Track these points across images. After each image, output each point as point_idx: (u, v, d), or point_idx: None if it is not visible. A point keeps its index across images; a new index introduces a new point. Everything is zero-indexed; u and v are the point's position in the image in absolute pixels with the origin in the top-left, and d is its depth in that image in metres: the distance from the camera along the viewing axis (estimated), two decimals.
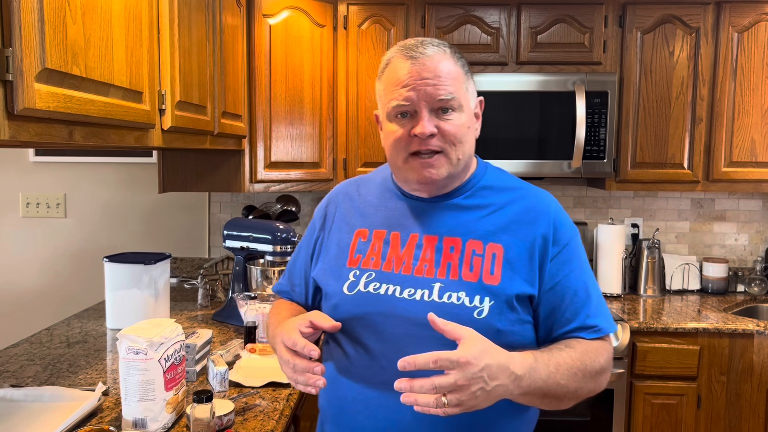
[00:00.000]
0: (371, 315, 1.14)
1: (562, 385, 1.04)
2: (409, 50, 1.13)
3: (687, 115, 2.60)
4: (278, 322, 1.21)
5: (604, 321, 1.15)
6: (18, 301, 2.97)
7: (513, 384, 0.97)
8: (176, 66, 1.59)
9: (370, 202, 1.27)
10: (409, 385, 0.94)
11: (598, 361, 1.10)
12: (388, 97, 1.14)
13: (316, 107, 2.59)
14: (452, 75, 1.13)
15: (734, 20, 2.55)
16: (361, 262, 1.19)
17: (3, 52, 0.90)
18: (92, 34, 1.14)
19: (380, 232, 1.21)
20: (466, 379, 0.92)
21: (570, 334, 1.13)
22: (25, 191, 2.96)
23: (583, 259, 1.18)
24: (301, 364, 1.05)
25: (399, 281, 1.15)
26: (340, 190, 1.35)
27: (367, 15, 2.61)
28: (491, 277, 1.11)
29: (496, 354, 0.97)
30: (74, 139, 1.13)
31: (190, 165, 2.46)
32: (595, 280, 1.19)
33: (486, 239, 1.14)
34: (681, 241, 3.01)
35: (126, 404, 1.34)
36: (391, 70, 1.15)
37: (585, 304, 1.13)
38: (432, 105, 1.11)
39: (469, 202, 1.19)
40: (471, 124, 1.17)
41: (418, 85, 1.10)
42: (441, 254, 1.14)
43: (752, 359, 2.37)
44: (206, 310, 2.49)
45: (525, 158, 2.55)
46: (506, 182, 1.23)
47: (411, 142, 1.12)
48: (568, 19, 2.59)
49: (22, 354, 1.91)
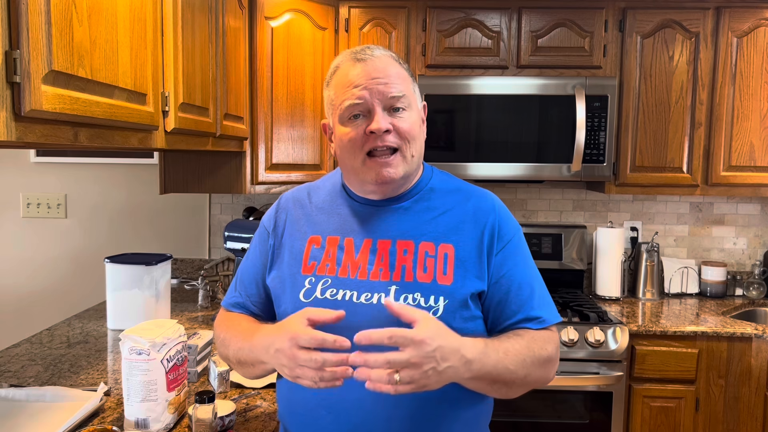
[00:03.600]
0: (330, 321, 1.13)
1: (511, 370, 1.07)
2: (357, 53, 1.17)
3: (686, 120, 2.62)
4: (249, 332, 1.17)
5: (548, 312, 1.19)
6: (19, 302, 2.98)
7: (464, 367, 1.00)
8: (179, 68, 1.60)
9: (321, 209, 1.27)
10: (363, 359, 0.96)
11: (546, 349, 1.14)
12: (341, 98, 1.16)
13: (318, 109, 2.60)
14: (400, 75, 1.17)
15: (734, 25, 2.57)
16: (317, 269, 1.19)
17: (11, 54, 0.91)
18: (98, 36, 1.15)
19: (334, 238, 1.21)
20: (419, 357, 0.95)
21: (516, 325, 1.16)
22: (26, 191, 2.97)
23: (526, 254, 1.23)
24: (333, 358, 0.99)
25: (355, 286, 1.16)
26: (290, 197, 1.33)
27: (368, 18, 2.62)
28: (444, 277, 1.14)
29: (449, 337, 1.00)
30: (79, 140, 1.14)
31: (191, 166, 2.47)
32: (539, 274, 1.23)
33: (437, 240, 1.17)
34: (680, 244, 3.02)
35: (128, 404, 1.34)
36: (341, 74, 1.17)
37: (530, 296, 1.17)
38: (385, 103, 1.13)
39: (419, 205, 1.22)
40: (420, 124, 1.21)
41: (369, 84, 1.13)
42: (395, 257, 1.16)
43: (750, 363, 2.38)
44: (207, 311, 2.49)
45: (525, 161, 2.56)
46: (452, 184, 1.27)
47: (366, 140, 1.14)
48: (569, 24, 2.60)
49: (23, 354, 1.91)
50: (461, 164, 2.53)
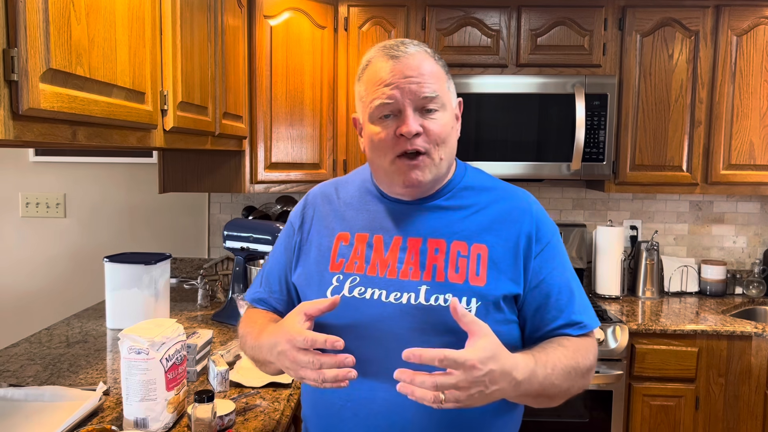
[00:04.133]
0: (357, 320, 1.11)
1: (556, 385, 1.05)
2: (390, 49, 1.12)
3: (686, 118, 2.61)
4: (259, 330, 1.17)
5: (589, 317, 1.15)
6: (18, 301, 2.97)
7: (512, 389, 0.97)
8: (178, 67, 1.60)
9: (350, 205, 1.23)
10: (411, 378, 0.92)
11: (589, 359, 1.12)
12: (371, 96, 1.11)
13: (317, 108, 2.59)
14: (435, 74, 1.12)
15: (733, 23, 2.56)
16: (345, 267, 1.16)
17: (8, 53, 0.90)
18: (96, 34, 1.15)
19: (362, 235, 1.18)
20: (467, 381, 0.91)
21: (556, 331, 1.13)
22: (25, 191, 2.96)
23: (564, 256, 1.19)
24: (330, 360, 0.97)
25: (384, 285, 1.12)
26: (318, 192, 1.30)
27: (367, 17, 2.61)
28: (477, 278, 1.10)
29: (502, 359, 0.96)
30: (77, 139, 1.14)
31: (190, 165, 2.47)
32: (576, 277, 1.19)
33: (470, 240, 1.13)
34: (679, 243, 3.02)
35: (127, 404, 1.34)
36: (373, 70, 1.12)
37: (569, 301, 1.14)
38: (416, 103, 1.09)
39: (451, 203, 1.18)
40: (453, 124, 1.16)
41: (401, 83, 1.08)
42: (426, 256, 1.13)
43: (750, 361, 2.38)
44: (206, 310, 2.49)
45: (524, 160, 2.56)
46: (486, 182, 1.22)
47: (396, 142, 1.10)
48: (568, 22, 2.59)
49: (22, 353, 1.91)
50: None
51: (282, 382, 1.65)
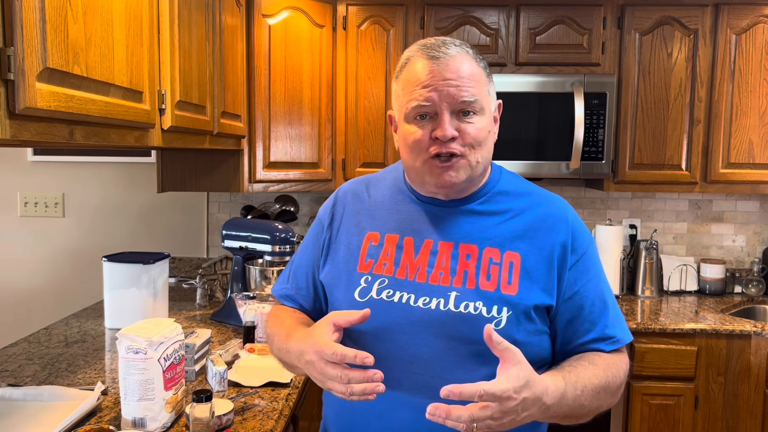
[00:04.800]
0: (384, 323, 1.09)
1: (585, 406, 1.03)
2: (430, 49, 1.08)
3: (685, 117, 2.61)
4: (287, 332, 1.15)
5: (622, 331, 1.13)
6: (16, 301, 2.97)
7: (541, 414, 0.96)
8: (176, 66, 1.59)
9: (381, 204, 1.21)
10: (446, 413, 0.90)
11: (619, 377, 1.09)
12: (407, 97, 1.09)
13: (315, 107, 2.59)
14: (475, 77, 1.08)
15: (732, 22, 2.56)
16: (373, 268, 1.14)
17: (4, 51, 0.90)
18: (93, 33, 1.14)
19: (393, 236, 1.16)
20: (502, 412, 0.91)
21: (588, 345, 1.10)
22: (24, 190, 2.96)
23: (599, 267, 1.16)
24: (358, 376, 0.95)
25: (413, 289, 1.10)
26: (348, 189, 1.28)
27: (366, 16, 2.61)
28: (509, 286, 1.08)
29: (534, 385, 0.94)
30: (75, 138, 1.13)
31: (188, 165, 2.46)
32: (610, 289, 1.16)
33: (503, 247, 1.11)
34: (679, 242, 3.02)
35: (125, 403, 1.34)
36: (411, 70, 1.09)
37: (602, 314, 1.11)
38: (454, 107, 1.06)
39: (485, 207, 1.15)
40: (491, 127, 1.13)
41: (439, 86, 1.06)
42: (457, 262, 1.10)
43: (750, 360, 2.38)
44: (205, 309, 2.49)
45: (523, 159, 2.56)
46: (521, 187, 1.20)
47: (431, 144, 1.07)
48: (567, 21, 2.59)
49: (20, 353, 1.90)
50: None
51: (281, 382, 1.65)
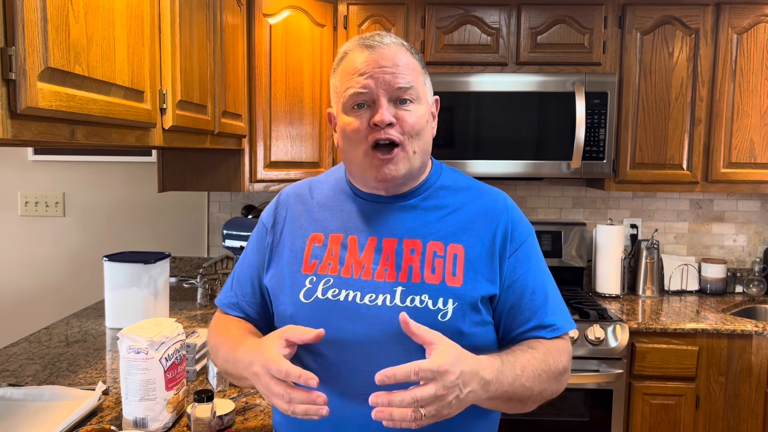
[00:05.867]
0: (331, 323, 1.07)
1: (527, 387, 1.03)
2: (365, 40, 1.11)
3: (686, 116, 2.61)
4: (234, 342, 1.12)
5: (562, 320, 1.14)
6: (17, 300, 2.97)
7: (482, 389, 0.96)
8: (177, 65, 1.59)
9: (323, 205, 1.21)
10: (388, 399, 0.89)
11: (561, 362, 1.10)
12: (345, 86, 1.10)
13: (316, 107, 2.59)
14: (410, 65, 1.11)
15: (734, 21, 2.56)
16: (318, 268, 1.13)
17: (6, 51, 0.90)
18: (94, 33, 1.14)
19: (337, 236, 1.15)
20: (445, 388, 0.90)
21: (529, 332, 1.11)
22: (24, 190, 2.96)
23: (539, 257, 1.17)
24: (300, 396, 0.94)
25: (359, 286, 1.10)
26: (291, 192, 1.27)
27: (367, 15, 2.61)
28: (454, 278, 1.09)
29: (468, 359, 0.95)
30: (76, 138, 1.13)
31: (189, 164, 2.46)
32: (552, 278, 1.18)
33: (447, 240, 1.12)
34: (680, 241, 3.02)
35: (127, 404, 1.34)
36: (348, 61, 1.11)
37: (543, 302, 1.13)
38: (390, 93, 1.08)
39: (427, 203, 1.16)
40: (429, 118, 1.14)
41: (376, 73, 1.07)
42: (402, 257, 1.11)
43: (751, 360, 2.38)
44: (205, 309, 2.49)
45: (524, 158, 2.56)
46: (462, 182, 1.21)
47: (369, 132, 1.08)
48: (568, 20, 2.59)
49: (21, 353, 1.90)
50: (460, 161, 2.52)
51: None
